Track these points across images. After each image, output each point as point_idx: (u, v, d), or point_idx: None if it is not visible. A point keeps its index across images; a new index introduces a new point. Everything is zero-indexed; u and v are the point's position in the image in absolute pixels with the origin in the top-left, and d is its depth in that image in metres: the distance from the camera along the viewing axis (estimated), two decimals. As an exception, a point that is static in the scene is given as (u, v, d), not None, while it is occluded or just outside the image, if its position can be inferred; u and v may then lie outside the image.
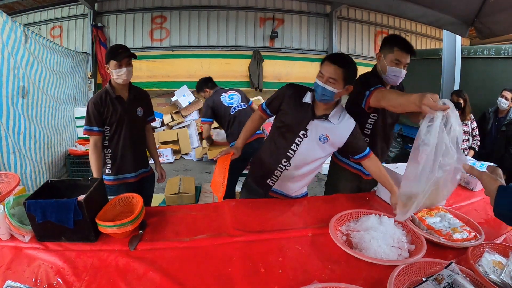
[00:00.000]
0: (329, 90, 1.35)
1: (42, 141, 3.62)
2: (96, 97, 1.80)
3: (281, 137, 1.54)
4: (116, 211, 1.32)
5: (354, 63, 1.41)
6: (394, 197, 1.39)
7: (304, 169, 1.56)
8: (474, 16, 2.50)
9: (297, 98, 1.51)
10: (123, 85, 1.83)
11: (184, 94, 5.67)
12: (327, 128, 1.46)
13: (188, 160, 5.36)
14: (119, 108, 1.81)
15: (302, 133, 1.47)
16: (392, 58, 1.57)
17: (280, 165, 1.54)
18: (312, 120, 1.46)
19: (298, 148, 1.49)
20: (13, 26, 3.05)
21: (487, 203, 1.67)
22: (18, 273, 1.00)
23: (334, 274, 1.02)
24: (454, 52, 3.53)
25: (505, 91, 3.06)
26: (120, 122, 1.83)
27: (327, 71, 1.36)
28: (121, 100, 1.83)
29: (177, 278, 0.99)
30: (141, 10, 6.00)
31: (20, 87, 3.17)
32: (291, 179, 1.59)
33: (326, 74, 1.36)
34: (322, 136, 1.47)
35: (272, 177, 1.59)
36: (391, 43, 1.59)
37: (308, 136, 1.47)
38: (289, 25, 6.45)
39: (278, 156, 1.54)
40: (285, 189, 1.63)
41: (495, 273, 0.96)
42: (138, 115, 1.92)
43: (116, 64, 1.73)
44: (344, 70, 1.35)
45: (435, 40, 7.55)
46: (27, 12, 5.93)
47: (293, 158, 1.51)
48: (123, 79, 1.76)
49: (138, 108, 1.91)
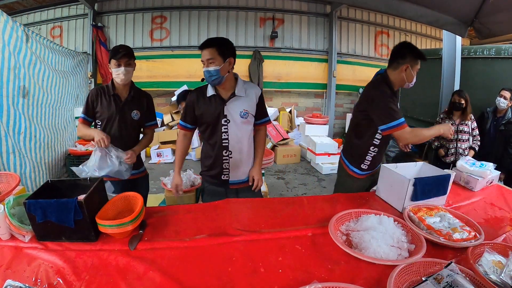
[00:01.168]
0: (212, 70, 1.52)
1: (42, 141, 3.61)
2: (96, 88, 1.85)
3: (210, 135, 1.66)
4: (117, 210, 1.32)
5: (220, 39, 1.61)
6: (254, 170, 1.68)
7: (244, 149, 1.69)
8: (474, 16, 2.50)
9: (203, 97, 1.65)
10: (123, 85, 1.83)
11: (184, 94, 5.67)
12: (240, 103, 1.63)
13: (188, 160, 5.36)
14: (113, 106, 1.82)
15: (223, 120, 1.61)
16: (416, 69, 1.69)
17: (223, 158, 1.67)
18: (225, 105, 1.61)
19: (228, 134, 1.62)
20: (14, 26, 3.04)
21: (487, 203, 1.68)
22: (18, 272, 1.00)
23: (334, 274, 1.02)
24: (454, 52, 3.53)
25: (504, 91, 3.06)
26: (111, 120, 1.83)
27: (204, 56, 1.53)
28: (117, 99, 1.83)
29: (177, 278, 0.99)
30: (141, 10, 5.99)
31: (21, 87, 3.17)
32: (239, 163, 1.71)
33: (204, 59, 1.53)
34: (242, 112, 1.63)
35: (224, 172, 1.70)
36: (415, 55, 1.66)
37: (230, 119, 1.62)
38: (289, 25, 6.45)
39: (218, 152, 1.66)
40: (239, 176, 1.74)
41: (495, 273, 0.96)
42: (133, 118, 1.88)
43: (115, 63, 1.74)
44: (216, 48, 1.52)
45: (435, 40, 7.55)
46: (27, 12, 5.92)
47: (229, 145, 1.64)
48: (120, 78, 1.76)
49: (134, 111, 1.88)
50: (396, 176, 1.54)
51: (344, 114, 7.01)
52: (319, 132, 5.37)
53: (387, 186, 1.61)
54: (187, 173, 2.72)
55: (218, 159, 1.68)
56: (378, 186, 1.70)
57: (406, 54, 1.67)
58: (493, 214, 1.55)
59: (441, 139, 3.07)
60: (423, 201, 1.49)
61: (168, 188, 2.59)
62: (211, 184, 1.77)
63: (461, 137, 2.95)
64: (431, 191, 1.51)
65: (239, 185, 1.75)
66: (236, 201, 1.59)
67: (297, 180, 4.45)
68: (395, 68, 1.70)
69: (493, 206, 1.64)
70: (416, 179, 1.46)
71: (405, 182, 1.46)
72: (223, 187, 1.75)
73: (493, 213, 1.56)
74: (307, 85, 6.65)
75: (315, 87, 6.74)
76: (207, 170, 1.75)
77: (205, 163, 1.76)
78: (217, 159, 1.68)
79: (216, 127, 1.62)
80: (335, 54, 6.52)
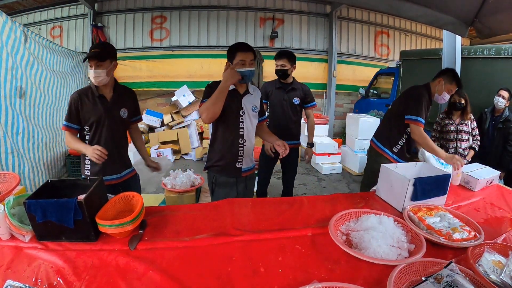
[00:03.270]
0: (253, 70, 1.71)
1: (41, 141, 3.61)
2: (78, 92, 1.71)
3: (227, 126, 1.81)
4: (117, 210, 1.32)
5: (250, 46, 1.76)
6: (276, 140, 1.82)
7: (252, 140, 1.90)
8: (474, 16, 2.50)
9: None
10: (105, 85, 1.73)
11: (184, 94, 5.67)
12: (252, 99, 1.83)
13: (188, 160, 5.36)
14: (100, 108, 1.73)
15: (241, 112, 1.79)
16: (450, 88, 2.12)
17: (239, 146, 1.82)
18: (242, 98, 1.79)
19: (243, 124, 1.80)
20: (13, 26, 3.04)
21: (487, 203, 1.68)
22: (18, 272, 1.00)
23: (334, 273, 1.02)
24: (454, 52, 3.53)
25: (502, 90, 3.08)
26: (101, 123, 1.74)
27: (247, 57, 1.68)
28: (103, 100, 1.75)
29: (177, 278, 0.99)
30: (141, 10, 6.00)
31: (18, 87, 3.17)
32: (249, 151, 1.89)
33: (248, 59, 1.68)
34: (253, 107, 1.84)
35: (238, 160, 1.85)
36: (453, 78, 2.11)
37: (245, 112, 1.80)
38: (289, 25, 6.45)
39: (234, 140, 1.81)
40: (248, 163, 1.92)
41: (495, 273, 0.96)
42: (122, 116, 1.82)
43: (88, 64, 1.63)
44: (253, 52, 1.71)
45: (435, 40, 7.56)
46: (27, 12, 5.93)
47: (245, 134, 1.81)
48: (94, 80, 1.65)
49: (122, 109, 1.82)
50: (396, 176, 1.54)
51: (344, 114, 7.01)
52: (319, 132, 5.36)
53: (387, 186, 1.61)
54: (187, 173, 2.72)
55: (234, 147, 1.82)
56: (378, 186, 1.70)
57: (447, 72, 2.13)
58: (493, 214, 1.55)
59: (441, 140, 3.07)
60: (423, 201, 1.49)
61: (168, 188, 2.59)
62: (222, 175, 1.87)
63: (461, 137, 2.95)
64: (431, 191, 1.51)
65: (248, 172, 1.93)
66: (236, 201, 1.59)
67: (297, 180, 4.43)
68: (434, 80, 2.16)
69: (493, 206, 1.64)
70: (416, 179, 1.46)
71: (405, 182, 1.46)
72: (234, 177, 1.87)
73: (493, 213, 1.56)
74: (307, 85, 6.64)
75: (315, 87, 6.73)
76: (219, 160, 1.85)
77: (219, 154, 1.85)
78: (233, 147, 1.82)
79: (236, 117, 1.79)
80: (335, 54, 6.52)
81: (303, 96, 2.73)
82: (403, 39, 7.29)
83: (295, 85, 2.70)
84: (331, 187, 4.22)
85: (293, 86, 2.68)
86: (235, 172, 1.86)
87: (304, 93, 2.73)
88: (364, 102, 6.27)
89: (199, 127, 5.68)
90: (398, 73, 5.15)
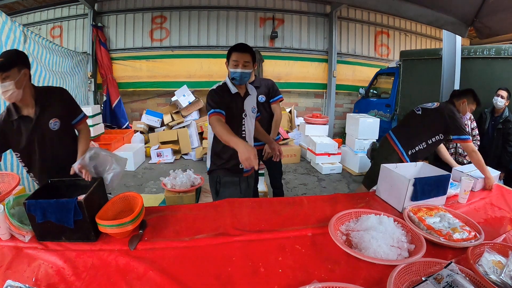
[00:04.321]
0: (248, 71, 1.67)
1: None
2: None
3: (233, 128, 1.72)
4: (117, 210, 1.32)
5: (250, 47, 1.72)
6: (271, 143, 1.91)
7: (252, 140, 1.91)
8: (474, 16, 2.50)
9: (228, 93, 1.74)
10: (21, 101, 1.47)
11: (184, 94, 5.67)
12: (251, 100, 1.83)
13: (188, 160, 5.36)
14: (23, 132, 1.49)
15: (243, 114, 1.78)
16: (472, 108, 2.34)
17: None
18: (244, 101, 1.78)
19: (245, 127, 1.80)
20: (13, 26, 3.04)
21: (487, 203, 1.68)
22: (18, 272, 1.00)
23: (334, 273, 1.02)
24: (454, 52, 3.52)
25: (501, 90, 3.09)
26: (29, 145, 1.52)
27: (242, 58, 1.64)
28: (26, 120, 1.49)
29: (177, 278, 0.99)
30: (141, 10, 5.99)
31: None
32: None
33: (241, 60, 1.64)
34: (253, 108, 1.84)
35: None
36: (474, 99, 2.30)
37: (246, 114, 1.80)
38: (289, 25, 6.44)
39: None
40: None
41: (495, 273, 0.96)
42: (52, 129, 1.55)
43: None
44: (250, 54, 1.67)
45: (435, 40, 7.55)
46: (27, 12, 5.93)
47: (246, 136, 1.81)
48: (4, 97, 1.38)
49: (50, 121, 1.54)
50: (396, 176, 1.54)
51: (344, 114, 7.01)
52: (319, 132, 5.36)
53: (387, 186, 1.61)
54: (187, 173, 2.72)
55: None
56: (378, 186, 1.70)
57: (468, 93, 2.29)
58: (493, 214, 1.55)
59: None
60: (423, 201, 1.49)
61: (168, 188, 2.59)
62: (226, 175, 1.86)
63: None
64: (431, 191, 1.51)
65: (249, 172, 1.94)
66: (236, 201, 1.59)
67: (297, 180, 4.44)
68: (457, 99, 2.30)
69: (493, 206, 1.65)
70: (416, 179, 1.46)
71: (405, 182, 1.46)
72: (237, 177, 1.87)
73: (493, 213, 1.56)
74: (307, 85, 6.65)
75: (315, 87, 6.74)
76: (225, 162, 1.83)
77: (223, 156, 1.83)
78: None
79: (239, 121, 1.79)
80: (335, 54, 6.51)
81: (267, 92, 2.60)
82: (403, 39, 7.29)
83: (257, 82, 2.57)
84: (331, 187, 4.22)
85: (255, 84, 2.53)
86: (238, 173, 1.87)
87: (267, 88, 2.61)
88: (364, 102, 6.26)
89: (199, 127, 5.68)
90: (398, 73, 5.14)
